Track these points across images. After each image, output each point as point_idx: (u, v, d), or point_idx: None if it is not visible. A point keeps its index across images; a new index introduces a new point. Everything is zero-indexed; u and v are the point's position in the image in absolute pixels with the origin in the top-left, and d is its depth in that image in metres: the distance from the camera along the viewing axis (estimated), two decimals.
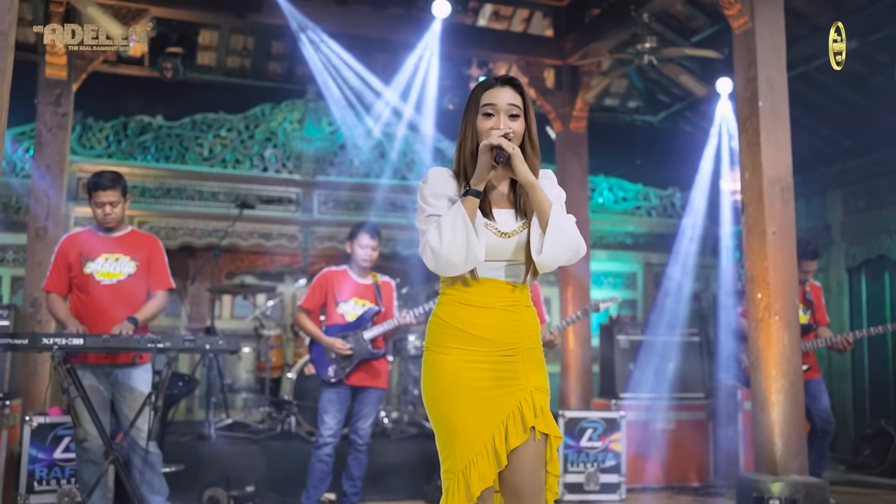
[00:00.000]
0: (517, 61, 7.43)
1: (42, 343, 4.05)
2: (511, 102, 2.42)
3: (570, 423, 6.06)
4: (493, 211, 2.46)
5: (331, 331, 5.03)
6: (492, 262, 2.43)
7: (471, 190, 2.35)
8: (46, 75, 6.04)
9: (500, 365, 2.42)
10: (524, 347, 2.45)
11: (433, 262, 2.37)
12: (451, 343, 2.44)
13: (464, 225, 2.32)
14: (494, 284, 2.45)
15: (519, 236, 2.44)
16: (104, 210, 4.57)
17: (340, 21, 7.21)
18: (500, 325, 2.43)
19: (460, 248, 2.32)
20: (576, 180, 7.42)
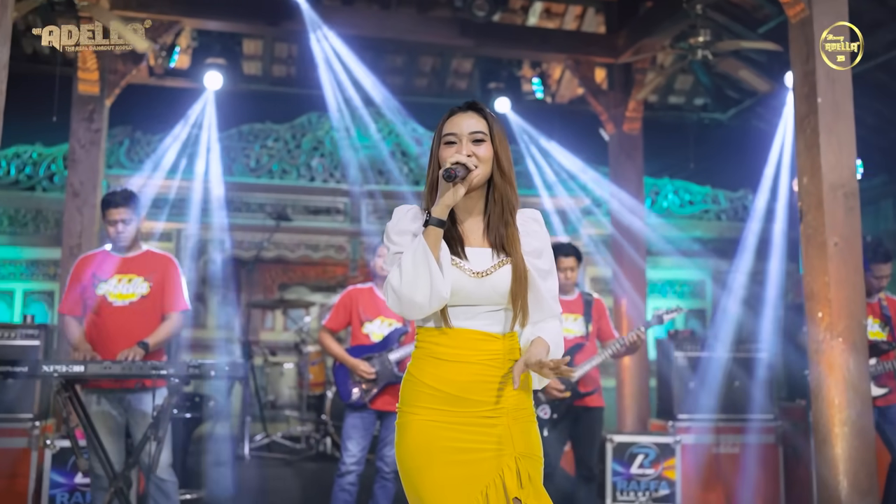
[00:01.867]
0: (565, 60, 7.03)
1: (42, 371, 3.91)
2: (474, 130, 2.15)
3: (618, 448, 5.63)
4: (465, 250, 2.15)
5: (355, 352, 4.77)
6: (466, 307, 2.12)
7: (431, 219, 2.06)
8: (79, 91, 5.99)
9: (480, 428, 2.10)
10: (508, 408, 2.12)
11: (396, 303, 2.09)
12: (423, 402, 2.13)
13: (425, 258, 2.03)
14: (470, 335, 2.13)
15: (496, 277, 2.12)
16: (116, 228, 4.41)
17: (381, 25, 6.98)
18: (476, 383, 2.11)
19: (423, 285, 2.03)
20: (630, 185, 6.96)
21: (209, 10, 6.27)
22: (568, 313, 4.90)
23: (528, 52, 7.42)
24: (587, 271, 8.81)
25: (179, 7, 6.16)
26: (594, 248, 8.80)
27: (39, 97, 6.18)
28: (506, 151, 2.19)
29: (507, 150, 2.20)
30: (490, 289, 2.11)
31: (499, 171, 2.16)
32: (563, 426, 4.76)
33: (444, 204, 2.05)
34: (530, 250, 2.17)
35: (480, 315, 2.13)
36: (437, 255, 2.04)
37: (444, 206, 2.05)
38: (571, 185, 8.98)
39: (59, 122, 6.18)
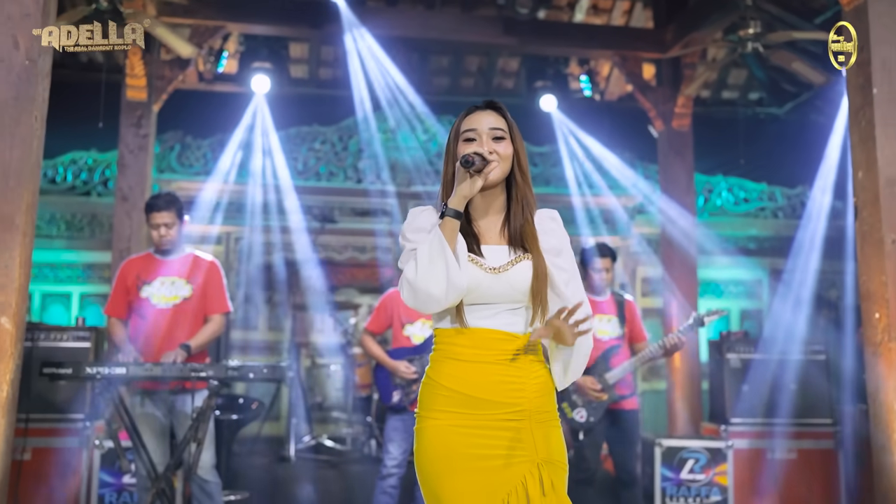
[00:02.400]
0: (612, 57, 6.89)
1: (85, 372, 3.97)
2: (494, 126, 2.13)
3: (668, 452, 5.48)
4: (481, 248, 2.11)
5: (396, 354, 4.74)
6: (483, 305, 2.07)
7: (448, 210, 2.03)
8: (127, 98, 6.10)
9: (500, 432, 2.03)
10: (531, 410, 2.05)
11: (411, 297, 2.04)
12: (441, 406, 2.07)
13: (441, 248, 1.99)
14: (488, 335, 2.07)
15: (513, 273, 2.07)
16: (159, 231, 4.46)
17: (425, 25, 6.95)
18: (496, 384, 2.05)
19: (438, 276, 1.98)
20: (680, 184, 6.79)
21: (253, 15, 6.33)
22: (601, 314, 4.79)
23: (574, 49, 7.30)
24: (637, 272, 8.63)
25: (224, 12, 6.23)
26: (645, 248, 8.62)
27: (94, 105, 6.32)
28: (524, 152, 2.19)
29: (524, 150, 2.19)
30: (508, 285, 2.06)
31: (519, 170, 2.15)
32: (599, 430, 4.66)
33: (460, 195, 2.02)
34: (549, 248, 2.13)
35: (500, 314, 2.08)
36: (453, 246, 2.00)
37: (461, 196, 2.02)
38: (621, 183, 8.81)
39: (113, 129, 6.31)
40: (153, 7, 5.91)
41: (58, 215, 8.03)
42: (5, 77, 3.53)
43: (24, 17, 3.57)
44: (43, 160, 7.99)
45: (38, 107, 3.60)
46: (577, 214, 8.54)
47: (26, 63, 3.55)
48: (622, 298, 4.90)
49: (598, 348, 4.73)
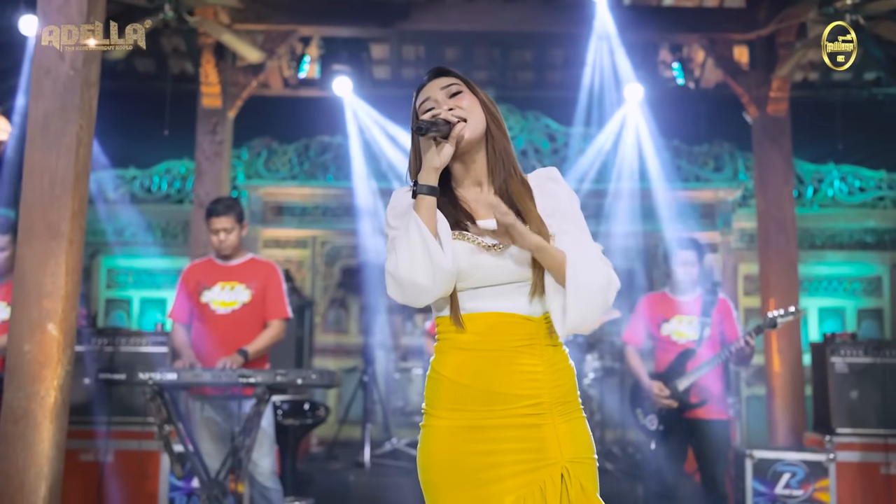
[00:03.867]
0: (699, 40, 6.46)
1: (138, 378, 3.99)
2: (445, 84, 1.89)
3: (760, 465, 5.04)
4: (477, 223, 1.84)
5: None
6: (489, 287, 1.80)
7: (419, 186, 1.78)
8: (203, 105, 6.20)
9: (517, 431, 1.76)
10: (551, 402, 1.77)
11: (398, 292, 1.78)
12: (447, 404, 1.80)
13: (418, 232, 1.74)
14: (498, 319, 1.79)
15: (514, 248, 1.79)
16: (219, 237, 4.45)
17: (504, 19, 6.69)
18: (509, 374, 1.77)
19: (421, 262, 1.73)
20: (777, 173, 6.28)
21: (324, 17, 6.30)
22: (681, 315, 4.44)
23: (658, 35, 6.90)
24: (739, 269, 8.10)
25: (295, 16, 6.23)
26: (748, 243, 8.08)
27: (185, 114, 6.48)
28: (492, 103, 1.91)
29: (491, 101, 1.92)
30: (512, 262, 1.79)
31: (493, 122, 1.88)
32: (677, 440, 4.31)
33: (430, 167, 1.77)
34: (551, 211, 1.85)
35: (508, 294, 1.80)
36: (432, 226, 1.75)
37: (431, 168, 1.77)
38: (720, 174, 8.31)
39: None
40: (226, 15, 5.97)
41: (153, 223, 8.30)
42: (51, 88, 3.59)
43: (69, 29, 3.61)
44: (139, 170, 8.40)
45: (85, 116, 3.64)
46: (671, 209, 8.11)
47: (71, 73, 3.59)
48: (713, 297, 4.51)
49: (671, 352, 4.40)
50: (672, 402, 4.26)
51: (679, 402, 4.28)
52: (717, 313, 4.45)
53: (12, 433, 3.43)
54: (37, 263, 3.49)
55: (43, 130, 3.57)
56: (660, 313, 4.50)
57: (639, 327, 4.56)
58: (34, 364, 3.45)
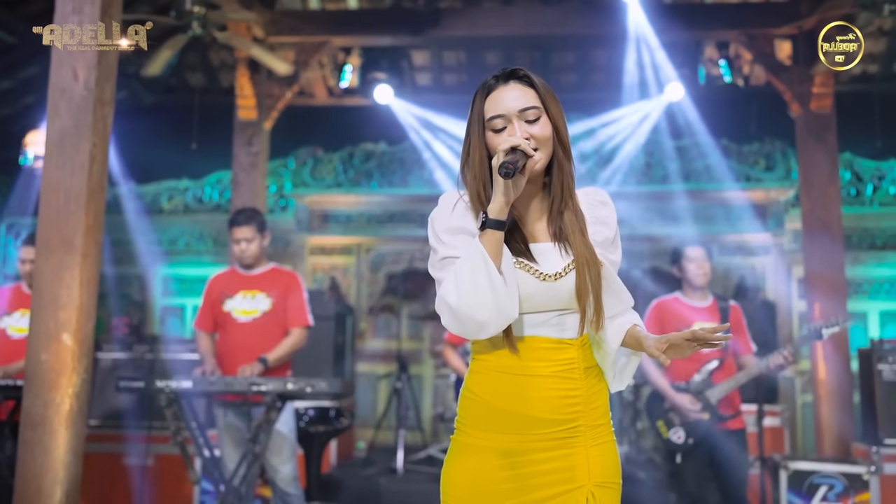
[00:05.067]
0: (738, 36, 6.26)
1: (155, 385, 4.11)
2: (525, 106, 1.76)
3: (795, 476, 4.84)
4: (530, 247, 1.79)
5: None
6: (535, 314, 1.76)
7: (489, 220, 1.69)
8: (239, 117, 6.34)
9: (549, 454, 1.73)
10: (587, 425, 1.76)
11: (454, 324, 1.71)
12: (480, 424, 1.78)
13: (485, 269, 1.67)
14: (540, 344, 1.76)
15: (571, 277, 1.75)
16: (240, 246, 4.54)
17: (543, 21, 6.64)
18: (550, 399, 1.74)
19: (485, 302, 1.67)
20: (822, 171, 6.03)
21: (355, 27, 6.38)
22: (702, 322, 4.29)
23: (693, 32, 6.71)
24: (793, 272, 7.80)
25: (328, 27, 6.33)
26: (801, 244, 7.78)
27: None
28: (564, 123, 1.81)
29: (564, 121, 1.82)
30: (564, 292, 1.75)
31: (562, 149, 1.79)
32: (702, 453, 4.17)
33: (502, 202, 1.67)
34: (601, 240, 1.81)
35: (550, 320, 1.77)
36: (498, 263, 1.69)
37: (503, 204, 1.67)
38: (772, 174, 8.04)
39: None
40: (259, 28, 6.11)
41: (205, 232, 8.55)
42: (66, 107, 3.74)
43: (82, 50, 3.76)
44: (191, 181, 8.65)
45: (98, 133, 3.78)
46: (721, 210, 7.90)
47: (84, 93, 3.74)
48: (727, 304, 4.36)
49: (697, 361, 4.27)
50: (704, 415, 4.14)
51: (711, 415, 4.15)
52: (732, 321, 4.31)
53: (30, 439, 3.58)
54: (52, 276, 3.65)
55: (58, 148, 3.72)
56: (680, 319, 4.37)
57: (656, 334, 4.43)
58: (50, 373, 3.59)
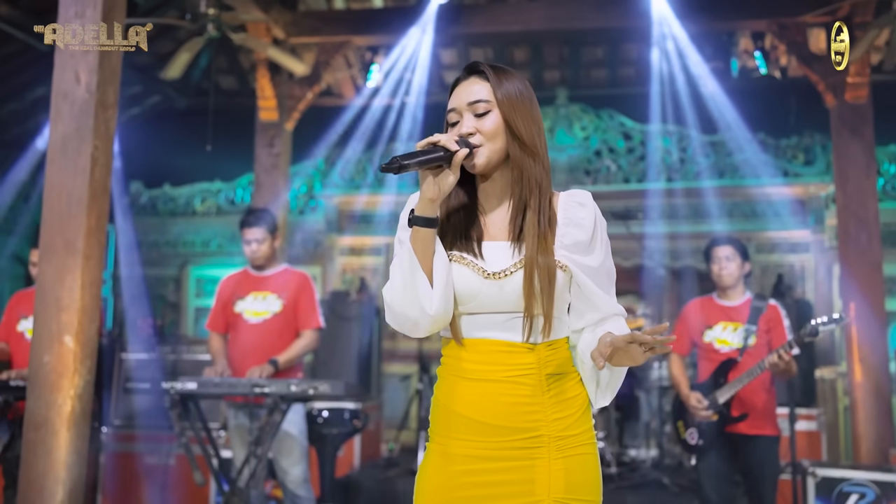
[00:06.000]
0: (769, 26, 6.04)
1: (162, 387, 4.12)
2: (474, 99, 1.73)
3: (823, 484, 4.64)
4: (483, 244, 1.75)
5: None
6: (485, 314, 1.71)
7: (417, 218, 1.67)
8: (260, 119, 6.36)
9: (510, 463, 1.67)
10: (550, 436, 1.68)
11: (392, 321, 1.73)
12: (444, 430, 1.74)
13: (410, 269, 1.66)
14: (493, 347, 1.70)
15: (517, 277, 1.69)
16: (251, 247, 4.54)
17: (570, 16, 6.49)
18: (506, 405, 1.68)
19: (413, 300, 1.66)
20: (858, 165, 5.79)
21: (374, 26, 6.34)
22: (726, 321, 4.14)
23: (722, 23, 6.50)
24: (833, 270, 7.51)
25: (348, 27, 6.30)
26: None
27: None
28: (525, 116, 1.73)
29: (526, 114, 1.74)
30: (513, 293, 1.68)
31: (515, 142, 1.72)
32: (720, 456, 4.01)
33: (426, 198, 1.66)
34: (571, 243, 1.72)
35: (507, 323, 1.70)
36: (427, 262, 1.66)
37: (427, 200, 1.66)
38: (811, 168, 7.76)
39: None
40: (280, 29, 6.12)
41: (237, 234, 8.56)
42: (69, 111, 3.77)
43: (84, 54, 3.79)
44: (223, 183, 8.73)
45: (101, 136, 3.80)
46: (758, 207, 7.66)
47: (86, 96, 3.77)
48: (763, 304, 4.17)
49: (713, 361, 4.11)
50: (710, 414, 3.99)
51: (719, 416, 4.00)
52: (764, 321, 4.12)
53: (33, 440, 3.62)
54: (55, 279, 3.68)
55: (61, 152, 3.76)
56: (703, 319, 4.22)
57: (683, 334, 4.29)
58: (52, 374, 3.63)
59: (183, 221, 8.82)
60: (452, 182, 1.66)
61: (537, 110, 1.78)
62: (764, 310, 4.13)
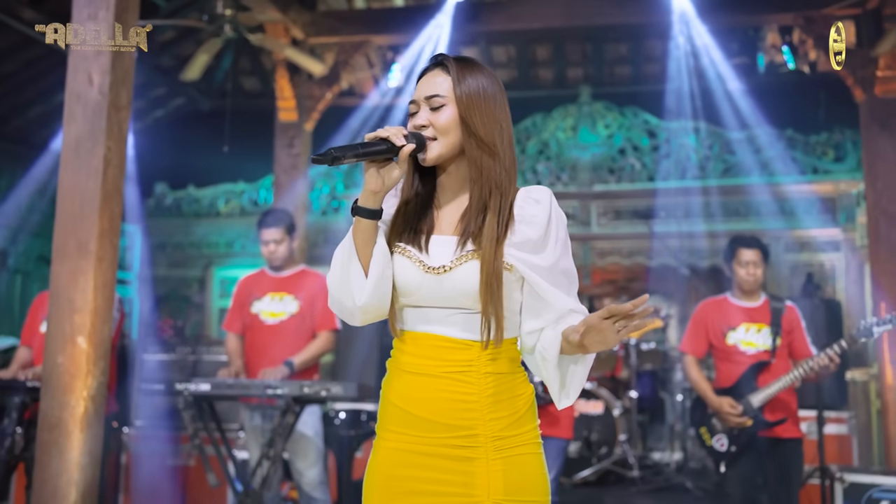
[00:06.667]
0: (795, 19, 5.90)
1: (175, 389, 4.12)
2: (431, 94, 1.71)
3: (852, 490, 4.48)
4: (432, 237, 1.73)
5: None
6: (428, 308, 1.70)
7: (358, 208, 1.68)
8: (280, 120, 6.36)
9: (449, 462, 1.65)
10: (486, 436, 1.65)
11: (334, 307, 1.78)
12: (390, 425, 1.73)
13: (348, 258, 1.69)
14: (434, 342, 1.69)
15: (457, 274, 1.67)
16: (269, 248, 4.54)
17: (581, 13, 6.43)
18: (441, 401, 1.66)
19: (346, 289, 1.69)
20: (888, 160, 5.64)
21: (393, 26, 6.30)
22: (749, 323, 4.03)
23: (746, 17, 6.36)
24: (865, 270, 7.33)
25: (367, 26, 6.28)
26: None
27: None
28: (485, 113, 1.70)
29: (487, 111, 1.71)
30: (452, 289, 1.67)
31: (472, 140, 1.69)
32: (748, 461, 3.91)
33: (368, 190, 1.66)
34: (521, 241, 1.68)
35: (450, 318, 1.69)
36: (366, 253, 1.67)
37: (370, 192, 1.66)
38: (842, 165, 7.58)
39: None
40: (299, 30, 6.11)
41: None
42: (82, 112, 3.78)
43: (97, 55, 3.80)
44: (247, 184, 8.75)
45: (113, 138, 3.80)
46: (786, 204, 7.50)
47: (98, 97, 3.77)
48: (781, 305, 4.08)
49: (740, 363, 4.01)
50: (745, 420, 3.89)
51: (754, 420, 3.89)
52: (786, 322, 4.02)
53: (47, 441, 3.63)
54: (68, 280, 3.69)
55: (74, 153, 3.76)
56: (724, 321, 4.11)
57: (699, 336, 4.18)
58: (66, 375, 3.63)
59: (207, 222, 8.86)
60: (397, 176, 1.66)
61: (502, 108, 1.74)
62: (783, 311, 4.04)
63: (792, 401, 3.98)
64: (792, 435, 3.93)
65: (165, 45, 7.60)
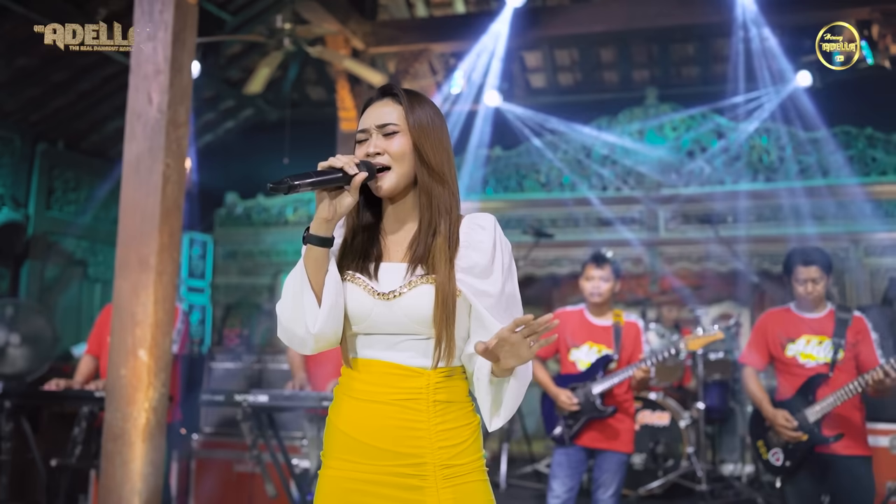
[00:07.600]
0: (870, 14, 5.64)
1: (234, 399, 4.19)
2: (384, 122, 1.74)
3: None
4: (381, 265, 1.75)
5: (562, 381, 4.32)
6: (378, 335, 1.71)
7: (310, 236, 1.69)
8: (341, 129, 6.42)
9: (398, 491, 1.66)
10: (434, 464, 1.67)
11: (283, 336, 1.76)
12: (337, 453, 1.73)
13: (300, 285, 1.69)
14: (384, 369, 1.70)
15: (406, 298, 1.68)
16: None
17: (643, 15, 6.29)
18: (389, 428, 1.67)
19: (299, 317, 1.69)
20: None
21: (451, 33, 6.30)
22: (810, 335, 3.85)
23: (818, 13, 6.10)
24: None
25: (426, 35, 6.29)
26: None
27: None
28: (434, 143, 1.75)
29: (436, 141, 1.75)
30: (402, 314, 1.68)
31: (424, 168, 1.73)
32: (807, 478, 3.73)
33: (320, 217, 1.67)
34: (468, 266, 1.70)
35: (400, 345, 1.70)
36: (318, 281, 1.68)
37: (322, 220, 1.67)
38: None
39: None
40: (359, 40, 6.16)
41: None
42: (142, 130, 3.89)
43: (156, 74, 3.91)
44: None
45: (172, 154, 3.90)
46: (867, 206, 7.17)
47: (157, 115, 3.87)
48: (848, 316, 3.88)
49: (798, 376, 3.83)
50: (800, 434, 3.72)
51: (809, 436, 3.73)
52: (851, 334, 3.82)
53: (111, 451, 3.74)
54: (130, 295, 3.79)
55: (135, 171, 3.88)
56: (784, 332, 3.94)
57: (760, 347, 4.02)
58: (128, 387, 3.74)
59: (276, 231, 9.01)
60: (349, 203, 1.67)
61: (447, 138, 1.79)
62: (850, 322, 3.83)
63: (855, 416, 3.76)
64: (853, 452, 3.72)
65: (233, 59, 7.78)
